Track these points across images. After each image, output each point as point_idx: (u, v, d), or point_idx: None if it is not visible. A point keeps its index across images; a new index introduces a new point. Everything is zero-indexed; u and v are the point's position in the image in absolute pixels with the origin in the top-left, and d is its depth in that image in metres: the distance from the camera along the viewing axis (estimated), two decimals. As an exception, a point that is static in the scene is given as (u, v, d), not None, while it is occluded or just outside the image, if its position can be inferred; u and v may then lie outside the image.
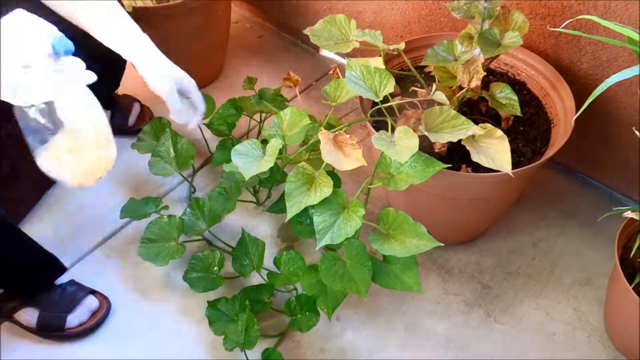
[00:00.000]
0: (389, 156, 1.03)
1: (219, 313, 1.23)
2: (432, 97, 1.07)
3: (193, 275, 1.30)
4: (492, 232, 1.43)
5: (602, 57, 1.25)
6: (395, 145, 1.01)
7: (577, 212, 1.46)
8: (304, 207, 1.02)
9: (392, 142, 1.02)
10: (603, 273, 1.34)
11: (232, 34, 1.83)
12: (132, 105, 1.67)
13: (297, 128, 1.13)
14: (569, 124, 1.17)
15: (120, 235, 1.46)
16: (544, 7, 1.26)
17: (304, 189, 1.04)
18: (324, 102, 1.19)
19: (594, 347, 1.23)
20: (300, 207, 1.03)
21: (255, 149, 1.10)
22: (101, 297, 1.31)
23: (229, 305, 1.24)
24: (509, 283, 1.34)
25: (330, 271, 1.08)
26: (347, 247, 1.09)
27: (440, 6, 1.45)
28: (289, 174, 1.04)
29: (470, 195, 1.22)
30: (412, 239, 1.02)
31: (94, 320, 1.28)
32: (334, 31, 1.19)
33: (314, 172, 1.05)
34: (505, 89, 1.18)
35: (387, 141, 1.01)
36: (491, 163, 1.03)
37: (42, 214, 1.48)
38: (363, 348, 1.25)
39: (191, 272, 1.30)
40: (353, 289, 1.07)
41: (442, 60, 1.17)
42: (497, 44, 1.13)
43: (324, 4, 1.72)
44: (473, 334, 1.26)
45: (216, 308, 1.24)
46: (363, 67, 1.06)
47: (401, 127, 1.02)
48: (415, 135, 1.01)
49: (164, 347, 1.27)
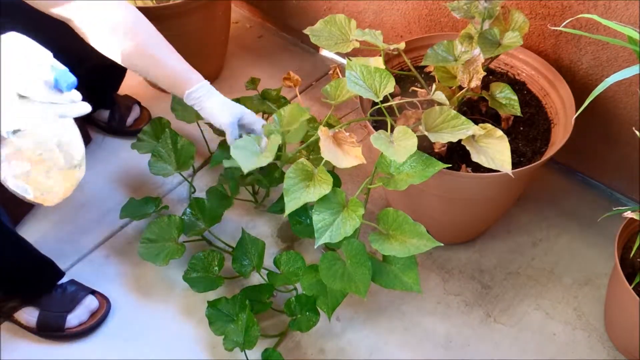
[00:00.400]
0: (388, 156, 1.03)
1: (219, 313, 1.23)
2: (431, 96, 1.07)
3: (193, 275, 1.30)
4: (492, 232, 1.43)
5: (602, 57, 1.25)
6: (394, 145, 1.01)
7: (577, 212, 1.45)
8: (302, 203, 1.02)
9: (391, 141, 1.02)
10: (603, 273, 1.34)
11: (232, 34, 1.83)
12: (132, 106, 1.67)
13: (297, 123, 1.13)
14: (569, 123, 1.17)
15: (121, 235, 1.46)
16: (544, 7, 1.26)
17: (303, 185, 1.03)
18: (324, 100, 1.19)
19: (594, 347, 1.23)
20: (298, 203, 1.02)
21: (255, 144, 1.10)
22: (101, 297, 1.31)
23: (229, 305, 1.24)
24: (509, 283, 1.34)
25: (330, 271, 1.08)
26: (346, 247, 1.09)
27: (440, 6, 1.45)
28: (288, 170, 1.03)
29: (471, 195, 1.22)
30: (412, 239, 1.02)
31: (94, 320, 1.28)
32: (334, 31, 1.19)
33: (313, 168, 1.05)
34: (505, 89, 1.18)
35: (386, 141, 1.01)
36: (491, 163, 1.03)
37: (42, 214, 1.48)
38: (363, 348, 1.25)
39: (191, 272, 1.30)
40: (353, 289, 1.07)
41: (442, 60, 1.16)
42: (497, 44, 1.13)
43: (324, 4, 1.72)
44: (473, 334, 1.26)
45: (216, 308, 1.24)
46: (363, 67, 1.06)
47: (400, 127, 1.02)
48: (413, 135, 1.01)
49: (164, 347, 1.27)
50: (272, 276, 1.27)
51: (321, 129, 1.02)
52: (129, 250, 1.42)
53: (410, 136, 1.00)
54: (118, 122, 1.64)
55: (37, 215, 1.48)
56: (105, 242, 1.44)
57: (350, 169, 1.02)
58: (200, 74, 1.18)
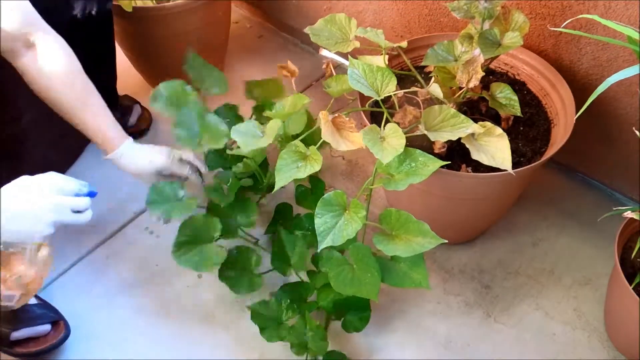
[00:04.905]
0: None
1: (266, 317, 1.18)
2: (427, 89, 1.07)
3: (230, 275, 1.23)
4: (492, 232, 1.43)
5: (602, 57, 1.25)
6: (383, 142, 1.00)
7: (577, 212, 1.46)
8: (292, 179, 1.01)
9: (381, 138, 1.01)
10: (603, 273, 1.34)
11: (232, 34, 1.83)
12: (133, 106, 1.67)
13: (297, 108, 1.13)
14: (569, 123, 1.17)
15: (121, 235, 1.46)
16: (544, 7, 1.26)
17: (294, 166, 1.03)
18: (325, 89, 1.19)
19: (594, 347, 1.23)
20: (288, 179, 1.01)
21: (256, 129, 1.10)
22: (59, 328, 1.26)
23: (273, 307, 1.19)
24: (509, 283, 1.34)
25: (340, 277, 1.08)
26: (353, 252, 1.09)
27: (440, 6, 1.45)
28: (282, 152, 1.03)
29: (470, 195, 1.22)
30: (416, 238, 1.02)
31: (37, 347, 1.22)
32: (334, 30, 1.19)
33: (306, 150, 1.04)
34: (506, 89, 1.18)
35: (376, 137, 1.01)
36: (491, 161, 1.03)
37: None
38: (363, 348, 1.25)
39: (227, 271, 1.23)
40: (364, 294, 1.07)
41: (442, 60, 1.16)
42: (497, 44, 1.13)
43: (324, 4, 1.72)
44: (473, 334, 1.26)
45: (260, 312, 1.18)
46: (365, 65, 1.06)
47: (391, 125, 1.02)
48: (402, 135, 1.00)
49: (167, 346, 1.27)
50: (313, 276, 1.24)
51: (322, 113, 1.02)
52: (129, 250, 1.42)
53: (400, 136, 1.00)
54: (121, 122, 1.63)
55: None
56: (106, 242, 1.44)
57: (350, 169, 1.02)
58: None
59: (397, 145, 0.99)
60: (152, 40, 1.61)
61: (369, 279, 1.07)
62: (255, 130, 1.10)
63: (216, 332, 1.28)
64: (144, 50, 1.66)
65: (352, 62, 1.06)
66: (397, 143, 0.99)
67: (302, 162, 1.03)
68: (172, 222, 1.21)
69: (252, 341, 1.25)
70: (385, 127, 1.02)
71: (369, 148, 0.99)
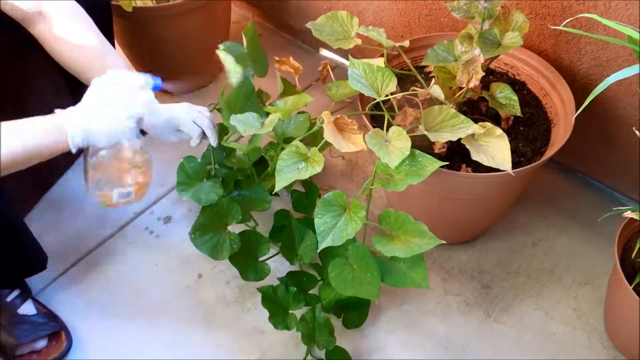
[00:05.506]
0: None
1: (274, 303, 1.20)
2: (428, 90, 1.07)
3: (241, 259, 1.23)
4: (492, 232, 1.43)
5: (602, 57, 1.25)
6: (388, 145, 1.00)
7: (577, 212, 1.45)
8: (292, 180, 1.01)
9: (385, 141, 1.01)
10: (603, 273, 1.34)
11: (232, 34, 1.83)
12: None
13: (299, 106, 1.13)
14: (569, 123, 1.17)
15: (121, 235, 1.46)
16: (544, 7, 1.26)
17: (295, 167, 1.03)
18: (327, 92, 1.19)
19: (594, 347, 1.23)
20: (289, 180, 1.01)
21: (255, 120, 1.10)
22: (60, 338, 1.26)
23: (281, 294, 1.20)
24: (509, 283, 1.34)
25: (340, 278, 1.08)
26: (353, 252, 1.09)
27: (440, 6, 1.45)
28: (282, 152, 1.03)
29: (471, 195, 1.22)
30: (414, 238, 1.02)
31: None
32: (335, 27, 1.19)
33: (307, 150, 1.04)
34: (505, 89, 1.18)
35: (381, 141, 1.01)
36: (491, 161, 1.03)
37: (42, 214, 1.48)
38: (363, 348, 1.25)
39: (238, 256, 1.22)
40: (365, 294, 1.07)
41: (442, 60, 1.16)
42: (497, 44, 1.13)
43: (324, 4, 1.72)
44: (473, 334, 1.26)
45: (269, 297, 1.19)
46: (366, 65, 1.06)
47: (395, 128, 1.02)
48: (408, 138, 1.00)
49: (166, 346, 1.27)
50: (319, 270, 1.25)
51: (325, 113, 1.02)
52: (129, 250, 1.42)
53: (405, 139, 1.00)
54: None
55: (37, 215, 1.48)
56: (106, 242, 1.44)
57: (350, 170, 1.02)
58: (200, 73, 1.18)
59: (403, 148, 1.00)
60: (152, 40, 1.61)
61: (369, 279, 1.07)
62: (254, 122, 1.10)
63: (216, 332, 1.28)
64: (144, 50, 1.66)
65: (352, 62, 1.06)
66: (402, 146, 1.00)
67: (304, 163, 1.03)
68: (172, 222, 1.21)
69: (252, 341, 1.25)
70: (389, 130, 1.02)
71: (375, 152, 0.99)
